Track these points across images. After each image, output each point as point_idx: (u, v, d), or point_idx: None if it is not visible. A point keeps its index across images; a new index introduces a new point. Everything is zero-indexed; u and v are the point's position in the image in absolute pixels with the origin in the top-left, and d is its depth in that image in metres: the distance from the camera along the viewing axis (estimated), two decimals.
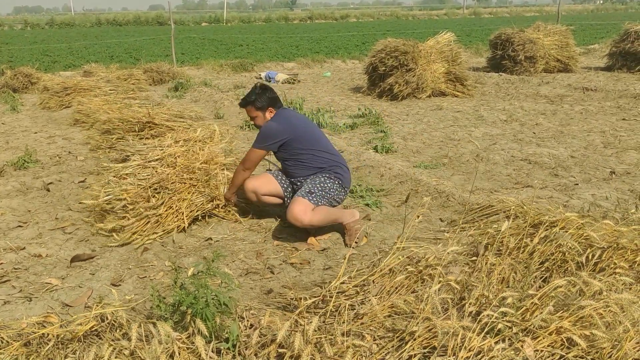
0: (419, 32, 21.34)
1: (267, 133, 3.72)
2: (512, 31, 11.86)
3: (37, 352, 2.14)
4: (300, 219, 3.44)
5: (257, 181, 3.84)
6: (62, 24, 39.84)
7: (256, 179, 3.87)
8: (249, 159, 3.75)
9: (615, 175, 4.86)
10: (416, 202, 4.33)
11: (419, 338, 2.13)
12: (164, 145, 4.50)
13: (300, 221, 3.45)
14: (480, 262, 2.79)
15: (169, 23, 17.63)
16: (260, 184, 3.83)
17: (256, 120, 3.86)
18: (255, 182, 3.83)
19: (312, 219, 3.47)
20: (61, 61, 14.98)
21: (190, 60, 15.04)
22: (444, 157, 5.59)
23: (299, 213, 3.45)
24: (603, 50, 15.10)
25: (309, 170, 3.73)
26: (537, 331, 2.11)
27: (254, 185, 3.82)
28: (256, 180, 3.86)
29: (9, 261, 3.39)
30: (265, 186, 3.84)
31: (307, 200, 3.52)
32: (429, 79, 9.16)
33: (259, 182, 3.85)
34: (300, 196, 3.56)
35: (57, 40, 23.00)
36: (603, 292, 2.31)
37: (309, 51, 16.95)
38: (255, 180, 3.85)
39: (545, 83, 10.52)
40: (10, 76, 10.82)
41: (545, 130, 6.67)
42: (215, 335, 2.18)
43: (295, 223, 3.48)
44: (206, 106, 8.79)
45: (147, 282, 3.13)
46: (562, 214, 3.13)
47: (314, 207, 3.52)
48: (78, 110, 7.70)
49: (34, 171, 5.34)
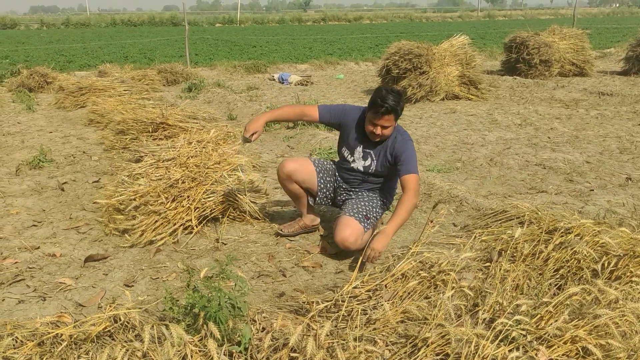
0: (432, 35, 21.28)
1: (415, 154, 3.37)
2: (527, 34, 11.78)
3: (50, 352, 2.15)
4: (349, 246, 3.24)
5: (296, 163, 3.55)
6: (78, 24, 40.24)
7: (296, 161, 3.58)
8: (418, 185, 3.28)
9: (632, 182, 4.80)
10: (429, 205, 4.31)
11: (432, 345, 2.12)
12: (177, 146, 4.53)
13: (349, 248, 3.25)
14: (494, 269, 2.77)
15: (183, 24, 17.73)
16: (298, 168, 3.53)
17: (386, 131, 3.28)
18: (294, 165, 3.53)
19: (359, 247, 3.26)
20: (76, 61, 15.11)
21: (203, 61, 15.11)
22: (458, 160, 5.56)
23: (351, 239, 3.23)
24: (619, 54, 14.97)
25: (382, 195, 3.53)
26: (551, 340, 2.09)
27: (293, 167, 3.51)
28: (296, 162, 3.57)
29: (23, 260, 3.42)
30: (301, 173, 3.54)
31: (362, 226, 3.31)
32: (443, 82, 9.13)
33: (298, 165, 3.54)
34: (356, 219, 3.32)
35: (72, 40, 23.23)
36: (619, 300, 2.28)
37: (322, 53, 16.96)
38: (295, 162, 3.55)
39: (561, 87, 10.43)
40: (26, 76, 10.92)
41: (560, 134, 6.61)
42: (227, 339, 2.18)
43: (341, 247, 3.28)
44: (219, 107, 8.82)
45: (160, 284, 3.14)
46: (577, 220, 3.10)
47: (365, 233, 3.34)
48: (93, 110, 7.76)
49: (49, 170, 5.39)
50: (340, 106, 3.51)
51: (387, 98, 3.13)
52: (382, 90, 3.19)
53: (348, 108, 3.49)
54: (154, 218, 3.68)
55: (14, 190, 4.77)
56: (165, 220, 3.70)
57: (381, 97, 3.14)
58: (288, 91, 10.65)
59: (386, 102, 3.13)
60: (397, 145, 3.31)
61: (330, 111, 3.47)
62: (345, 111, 3.47)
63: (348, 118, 3.45)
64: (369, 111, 3.24)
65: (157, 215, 3.69)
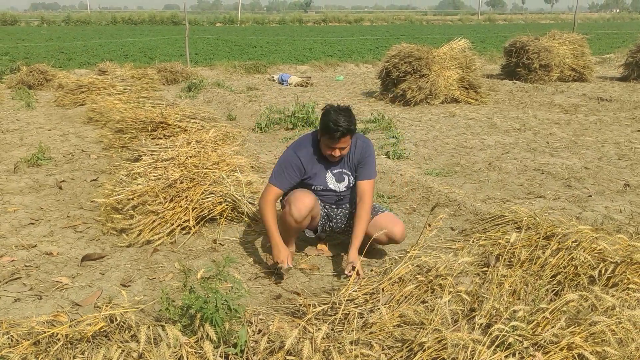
0: (433, 38, 21.30)
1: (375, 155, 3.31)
2: (527, 39, 11.79)
3: (46, 352, 2.15)
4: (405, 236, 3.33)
5: (310, 196, 3.19)
6: (78, 22, 40.25)
7: (308, 194, 3.20)
8: (373, 190, 3.27)
9: (630, 188, 4.81)
10: (427, 209, 4.31)
11: (428, 349, 2.11)
12: (176, 146, 4.53)
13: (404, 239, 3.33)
14: (491, 273, 2.77)
15: (183, 23, 17.74)
16: (314, 200, 3.22)
17: (345, 150, 3.16)
18: (310, 199, 3.18)
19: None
20: (76, 59, 15.11)
21: (203, 61, 15.11)
22: (456, 164, 5.56)
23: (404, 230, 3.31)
24: (619, 60, 14.99)
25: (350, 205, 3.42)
26: (548, 346, 2.09)
27: (311, 201, 3.16)
28: (308, 195, 3.20)
29: (20, 258, 3.41)
30: (316, 206, 3.28)
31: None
32: (442, 85, 9.14)
33: (313, 197, 3.21)
34: (392, 213, 3.43)
35: (72, 37, 23.22)
36: (616, 308, 2.28)
37: (322, 54, 16.97)
38: (309, 196, 3.19)
39: (560, 92, 10.44)
40: (25, 73, 10.93)
41: (559, 140, 6.62)
42: (223, 340, 2.17)
43: (401, 241, 3.34)
44: (219, 107, 8.82)
45: (157, 284, 3.13)
46: (575, 226, 3.10)
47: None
48: (92, 108, 7.76)
49: (47, 168, 5.38)
50: (287, 162, 3.19)
51: (339, 121, 2.97)
52: (331, 112, 3.02)
53: (293, 158, 3.19)
54: (151, 218, 3.68)
55: (11, 188, 4.76)
56: (163, 220, 3.69)
57: (333, 121, 2.97)
58: (288, 92, 10.65)
59: (340, 126, 2.97)
60: (358, 149, 3.23)
61: (286, 177, 3.18)
62: (297, 164, 3.18)
63: (304, 164, 3.19)
64: (324, 137, 3.07)
65: (154, 215, 3.69)
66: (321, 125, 3.07)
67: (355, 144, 3.23)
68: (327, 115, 3.03)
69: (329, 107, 3.10)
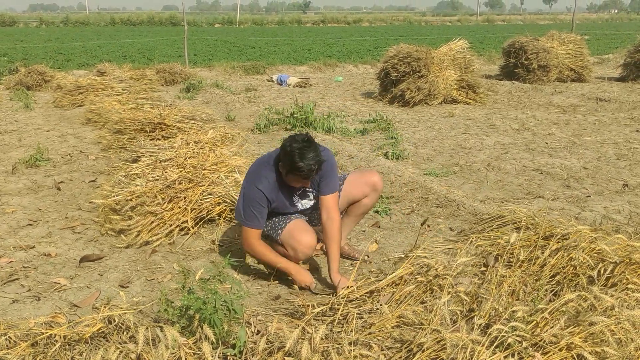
0: (431, 38, 21.31)
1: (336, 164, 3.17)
2: (525, 39, 11.80)
3: (44, 353, 2.14)
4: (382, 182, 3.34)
5: (310, 231, 3.09)
6: (77, 23, 40.23)
7: (307, 228, 3.11)
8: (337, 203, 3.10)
9: (629, 188, 4.81)
10: (426, 210, 4.31)
11: (427, 350, 2.11)
12: (174, 147, 4.52)
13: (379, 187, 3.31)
14: (490, 274, 2.76)
15: (182, 24, 17.73)
16: (315, 234, 3.11)
17: (308, 182, 2.97)
18: (311, 232, 3.08)
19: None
20: (75, 60, 15.10)
21: (202, 62, 15.10)
22: (455, 165, 5.56)
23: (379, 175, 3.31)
24: (617, 60, 15.02)
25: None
26: (547, 346, 2.08)
27: (313, 236, 3.06)
28: (307, 229, 3.10)
29: (18, 260, 3.40)
30: (316, 234, 3.15)
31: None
32: (441, 85, 9.14)
33: (313, 234, 3.10)
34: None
35: (71, 38, 23.20)
36: (615, 308, 2.28)
37: (321, 55, 16.96)
38: (309, 230, 3.09)
39: (559, 92, 10.45)
40: (24, 74, 10.92)
41: (558, 140, 6.62)
42: (222, 341, 2.17)
43: (380, 186, 3.30)
44: (217, 108, 8.81)
45: (155, 285, 3.13)
46: (574, 226, 3.10)
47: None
48: (90, 109, 7.75)
49: (46, 169, 5.37)
50: (251, 198, 2.97)
51: (309, 160, 2.76)
52: (296, 153, 2.77)
53: (255, 194, 2.96)
54: (150, 219, 3.67)
55: (10, 189, 4.75)
56: (161, 221, 3.69)
57: (306, 164, 2.76)
58: (286, 93, 10.65)
59: (312, 167, 2.78)
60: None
61: (256, 215, 2.99)
62: (260, 198, 2.96)
63: (267, 195, 2.97)
64: (294, 175, 2.85)
65: (153, 216, 3.68)
66: (288, 165, 2.82)
67: None
68: (293, 157, 2.76)
69: (291, 146, 2.80)
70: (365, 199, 3.30)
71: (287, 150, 2.81)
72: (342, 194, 3.26)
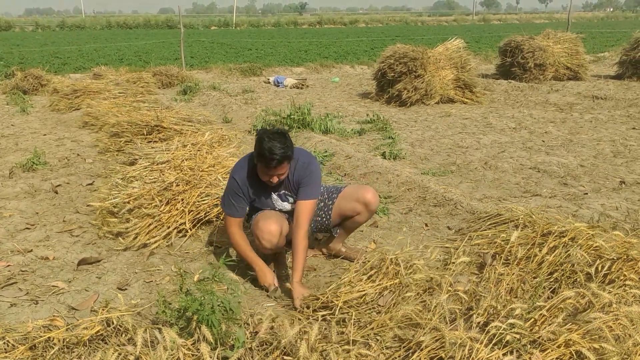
0: (428, 38, 21.32)
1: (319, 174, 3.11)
2: (521, 38, 11.83)
3: (42, 356, 2.14)
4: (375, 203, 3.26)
5: (275, 220, 3.05)
6: (73, 26, 40.13)
7: (277, 217, 3.08)
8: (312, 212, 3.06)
9: (625, 185, 4.82)
10: (424, 209, 4.31)
11: (426, 348, 2.11)
12: (171, 149, 4.52)
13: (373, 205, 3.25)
14: (488, 272, 2.77)
15: (178, 26, 17.71)
16: (280, 223, 3.06)
17: (283, 175, 2.96)
18: (276, 221, 3.04)
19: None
20: (71, 63, 15.07)
21: (199, 64, 15.09)
22: (452, 164, 5.57)
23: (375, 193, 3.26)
24: (613, 58, 15.05)
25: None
26: (545, 343, 2.09)
27: (277, 225, 3.02)
28: (278, 218, 3.08)
29: (16, 263, 3.39)
30: (284, 225, 3.10)
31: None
32: (438, 85, 9.15)
33: (277, 222, 3.05)
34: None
35: (67, 42, 23.17)
36: (613, 304, 2.28)
37: (317, 56, 16.97)
38: (278, 218, 3.07)
39: (555, 91, 10.47)
40: (20, 78, 10.89)
41: (555, 138, 6.63)
42: (220, 342, 2.17)
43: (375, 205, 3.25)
44: (214, 110, 8.81)
45: (153, 287, 3.13)
46: (571, 224, 3.10)
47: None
48: (87, 112, 7.74)
49: (43, 173, 5.36)
50: (229, 187, 3.09)
51: (273, 148, 2.76)
52: (264, 139, 2.79)
53: (232, 183, 3.06)
54: (147, 221, 3.67)
55: (7, 193, 4.74)
56: (159, 223, 3.69)
57: (268, 149, 2.77)
58: (283, 94, 10.65)
59: (275, 154, 2.77)
60: (298, 171, 3.03)
61: (233, 204, 3.07)
62: (236, 187, 3.04)
63: (241, 186, 3.03)
64: (260, 163, 2.87)
65: (151, 219, 3.68)
66: (256, 152, 2.86)
67: (294, 166, 3.02)
68: (261, 143, 2.79)
69: (262, 132, 2.85)
70: (357, 216, 3.30)
71: (258, 138, 2.86)
72: (334, 207, 3.29)
